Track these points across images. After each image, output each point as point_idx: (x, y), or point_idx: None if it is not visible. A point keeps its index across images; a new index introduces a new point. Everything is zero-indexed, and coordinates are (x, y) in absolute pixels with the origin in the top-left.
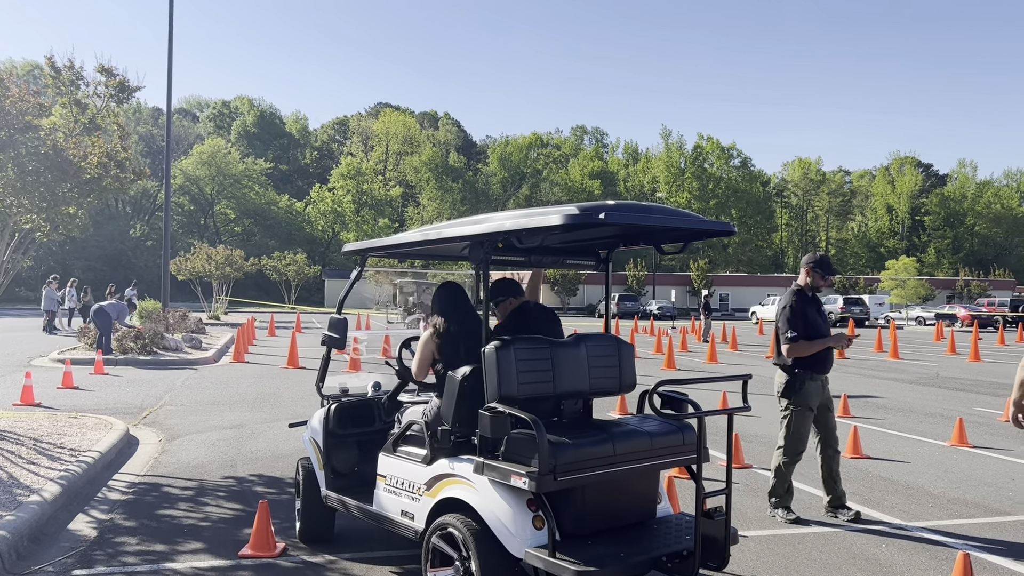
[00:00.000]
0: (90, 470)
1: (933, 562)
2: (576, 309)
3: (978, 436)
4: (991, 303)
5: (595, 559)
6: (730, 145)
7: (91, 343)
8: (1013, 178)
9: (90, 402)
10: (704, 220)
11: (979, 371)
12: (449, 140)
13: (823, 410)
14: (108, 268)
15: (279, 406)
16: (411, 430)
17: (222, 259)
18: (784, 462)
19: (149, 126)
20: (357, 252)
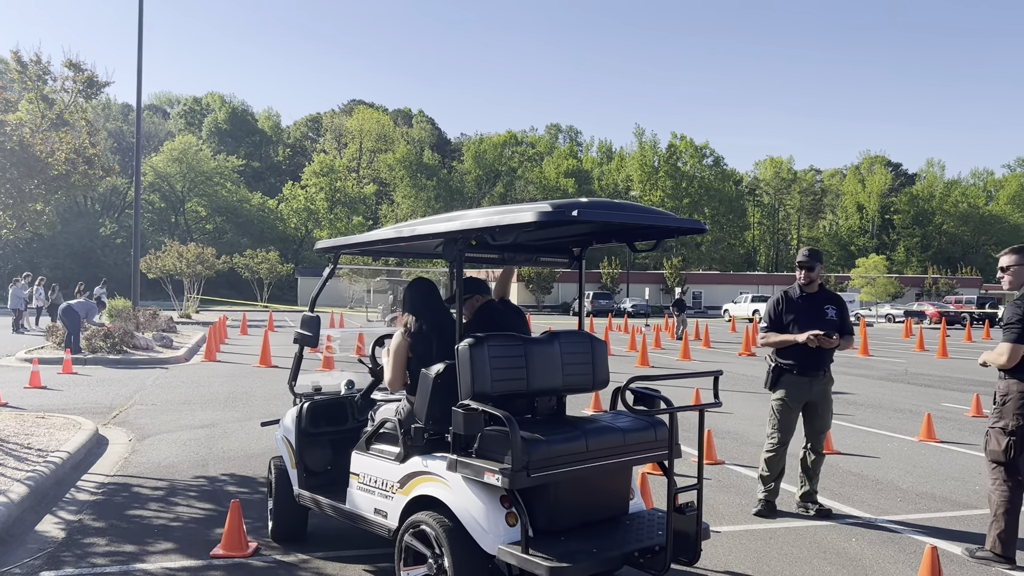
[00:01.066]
0: (58, 471)
1: (902, 555)
2: (551, 307)
3: (946, 431)
4: (958, 301)
5: (567, 555)
6: (703, 144)
7: (59, 342)
8: (980, 177)
9: (58, 402)
10: (676, 218)
11: (947, 367)
12: (423, 138)
13: (811, 409)
14: (77, 266)
15: (251, 405)
16: (384, 428)
17: (193, 257)
18: (766, 451)
19: (119, 122)
20: (330, 250)
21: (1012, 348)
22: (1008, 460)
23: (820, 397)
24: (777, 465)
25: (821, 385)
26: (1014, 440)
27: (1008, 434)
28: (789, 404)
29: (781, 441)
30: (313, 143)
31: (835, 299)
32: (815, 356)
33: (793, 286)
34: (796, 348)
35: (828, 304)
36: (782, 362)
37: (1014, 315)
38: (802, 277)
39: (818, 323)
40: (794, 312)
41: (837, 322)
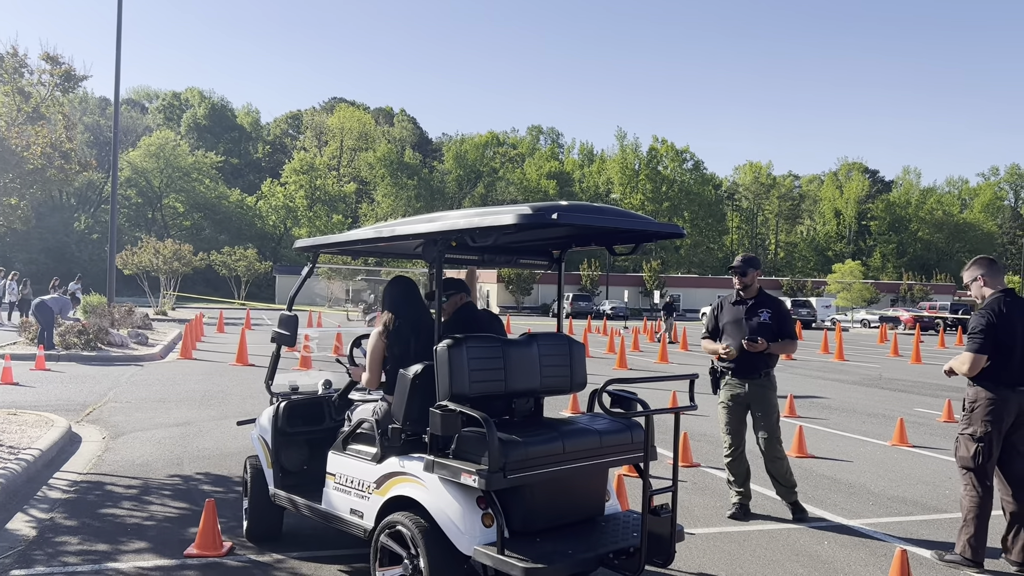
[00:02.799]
0: (29, 468)
1: (872, 558)
2: (531, 308)
3: (918, 436)
4: (932, 307)
5: (543, 556)
6: (683, 148)
7: (32, 338)
8: (955, 186)
9: (30, 398)
10: (654, 222)
11: (920, 373)
12: (404, 137)
13: (754, 413)
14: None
15: (227, 404)
16: (361, 428)
17: (170, 253)
18: (725, 455)
19: (96, 116)
20: (309, 249)
21: (974, 358)
22: (977, 466)
23: (758, 400)
24: (739, 467)
25: (759, 388)
26: (982, 446)
27: (976, 440)
28: (730, 406)
29: (733, 443)
30: (293, 140)
31: (772, 303)
32: (748, 360)
33: (731, 292)
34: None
35: (763, 308)
36: (720, 366)
37: (977, 325)
38: (737, 283)
39: (750, 326)
40: (727, 317)
41: (770, 325)
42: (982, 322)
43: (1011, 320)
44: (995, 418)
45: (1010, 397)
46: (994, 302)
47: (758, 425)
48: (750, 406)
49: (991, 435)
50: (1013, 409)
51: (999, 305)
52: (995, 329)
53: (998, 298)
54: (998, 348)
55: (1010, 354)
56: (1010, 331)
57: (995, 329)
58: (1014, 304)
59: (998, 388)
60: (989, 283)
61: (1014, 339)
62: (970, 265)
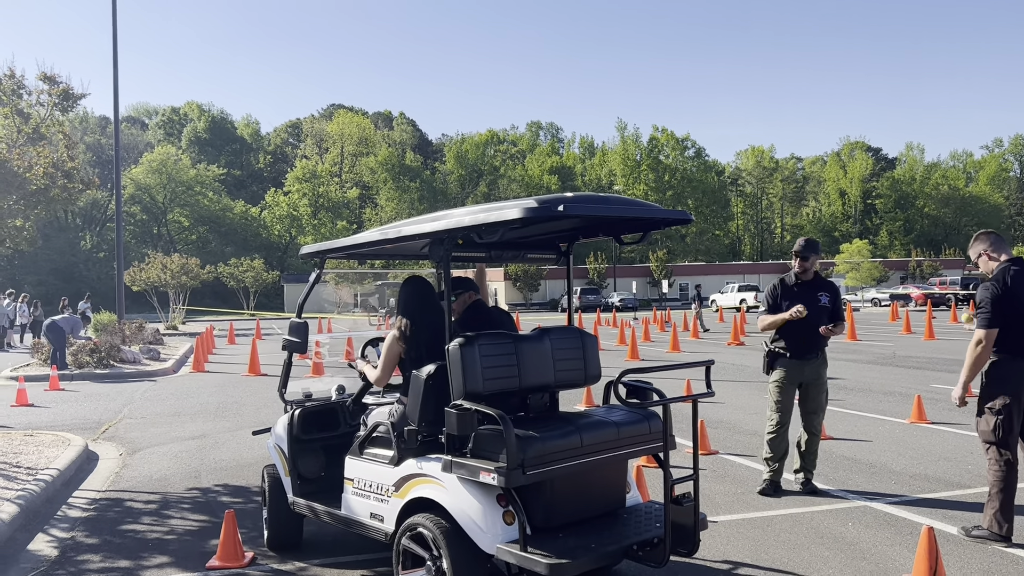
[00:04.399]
0: (48, 488)
1: (899, 537)
2: (539, 304)
3: (936, 412)
4: (943, 282)
5: (567, 551)
6: (684, 136)
7: (45, 359)
8: (959, 159)
9: (46, 419)
10: (661, 209)
11: (934, 349)
12: (405, 140)
13: (804, 390)
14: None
15: (242, 415)
16: (377, 431)
17: (178, 268)
18: (768, 432)
19: (97, 135)
20: (316, 254)
21: (985, 333)
22: (998, 439)
23: (813, 379)
24: (780, 446)
25: (814, 368)
26: (1001, 419)
27: (996, 413)
28: (784, 385)
29: (781, 421)
30: (294, 149)
31: (829, 286)
32: (807, 341)
33: (789, 273)
34: (789, 334)
35: (821, 291)
36: (776, 347)
37: (984, 299)
38: (797, 266)
39: (811, 308)
40: (789, 298)
41: (829, 308)
42: (987, 295)
43: (1018, 290)
44: (1012, 389)
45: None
46: (1000, 273)
47: (810, 402)
48: (802, 385)
49: (1010, 407)
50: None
51: (1004, 276)
52: (1001, 301)
53: (1004, 268)
54: (1007, 319)
55: (1019, 324)
56: (1016, 301)
57: (1001, 301)
58: (1021, 273)
59: (1013, 359)
60: (994, 255)
61: (1021, 308)
62: (973, 242)
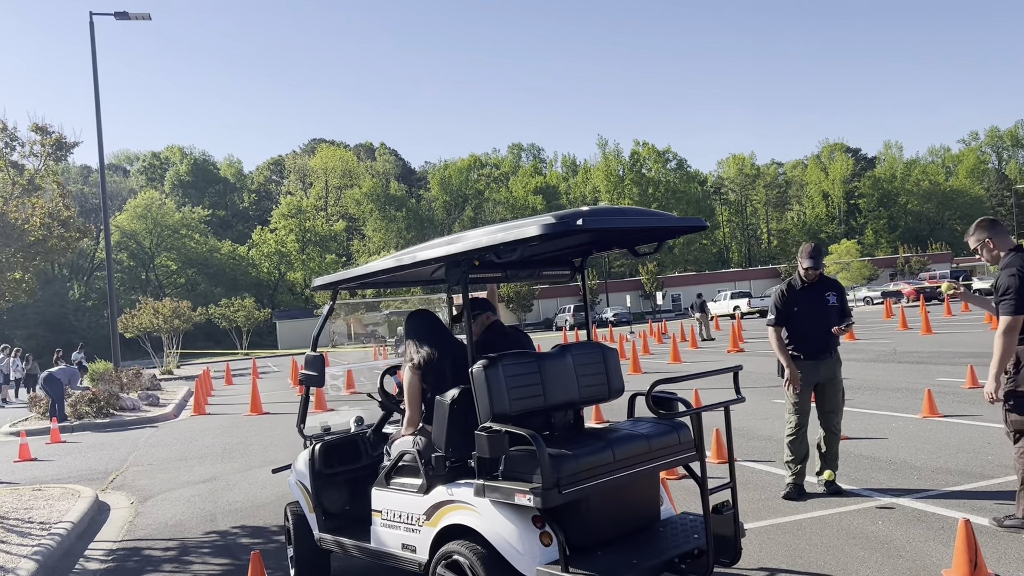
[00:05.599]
0: (64, 542)
1: (931, 532)
2: (533, 324)
3: (947, 405)
4: (932, 276)
5: (608, 569)
6: (665, 148)
7: (44, 412)
8: (937, 154)
9: (52, 472)
10: (677, 218)
11: (934, 343)
12: (388, 169)
13: (819, 390)
14: (50, 333)
15: (249, 455)
16: (403, 461)
17: (169, 312)
18: (788, 435)
19: (79, 184)
20: (328, 286)
21: (1011, 320)
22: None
23: (829, 378)
24: (800, 448)
25: (829, 367)
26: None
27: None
28: (801, 388)
29: (800, 423)
30: (278, 186)
31: (834, 285)
32: (820, 341)
33: (794, 277)
34: (801, 336)
35: (828, 291)
36: (789, 350)
37: (1009, 286)
38: (806, 273)
39: (821, 310)
40: (798, 303)
41: (838, 307)
42: (1013, 282)
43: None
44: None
45: None
46: (1015, 259)
47: (826, 402)
48: (818, 385)
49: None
50: None
51: (1022, 261)
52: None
53: (1018, 254)
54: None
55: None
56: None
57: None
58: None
59: None
60: (999, 244)
61: None
62: (973, 230)
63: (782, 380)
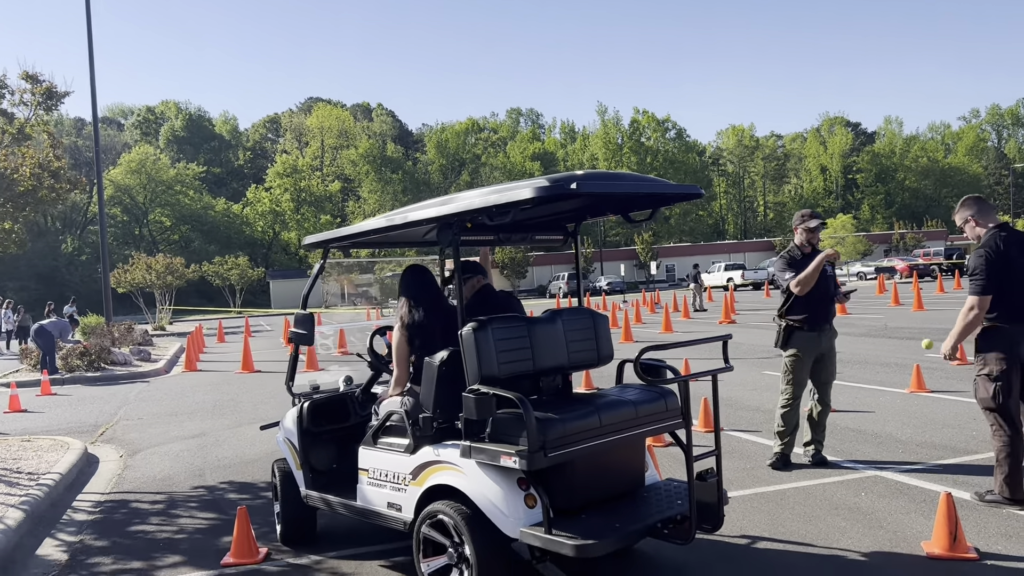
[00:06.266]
0: (52, 492)
1: (913, 504)
2: (527, 291)
3: (935, 381)
4: (927, 253)
5: (591, 532)
6: (665, 117)
7: (35, 364)
8: (937, 131)
9: (42, 424)
10: (672, 184)
11: (924, 319)
12: (385, 131)
13: (818, 362)
14: (42, 286)
15: (239, 412)
16: (391, 420)
17: (162, 268)
18: (781, 406)
19: (72, 137)
20: (318, 244)
21: (979, 300)
22: (998, 405)
23: (828, 349)
24: (792, 419)
25: (828, 338)
26: (1000, 385)
27: (993, 380)
28: (802, 359)
29: (795, 395)
30: (273, 144)
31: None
32: (821, 310)
33: (792, 247)
34: (805, 305)
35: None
36: (792, 320)
37: (976, 266)
38: (805, 236)
39: (823, 279)
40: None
41: (833, 277)
42: (980, 262)
43: (1009, 255)
44: (1009, 355)
45: (1021, 331)
46: (990, 239)
47: (824, 373)
48: (818, 355)
49: (1007, 372)
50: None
51: (995, 242)
52: (994, 267)
53: (993, 234)
54: (1000, 285)
55: (1012, 289)
56: (1009, 266)
57: (994, 267)
58: (1011, 239)
59: (1008, 324)
60: (981, 222)
61: (1014, 274)
62: (959, 207)
63: (781, 352)
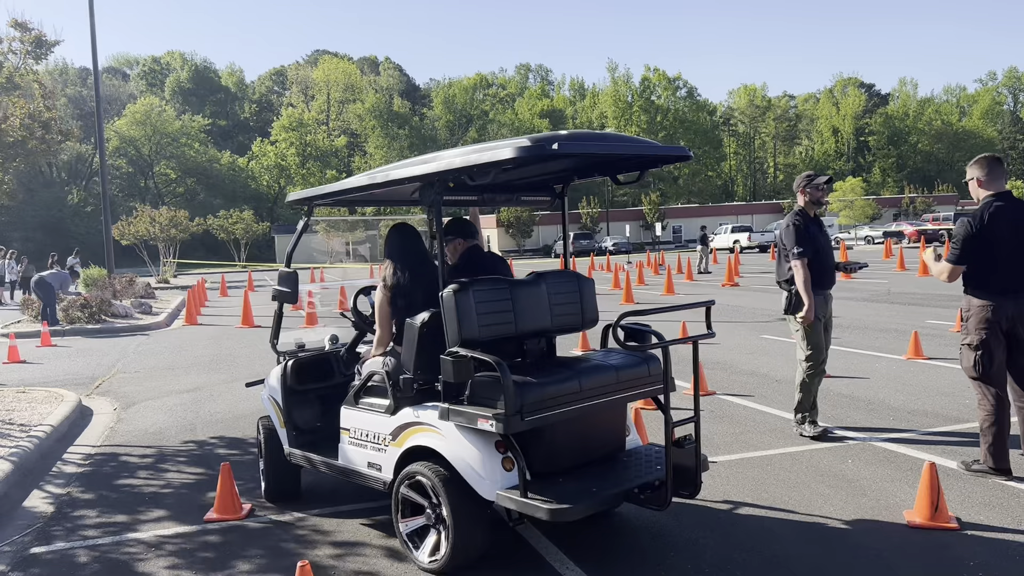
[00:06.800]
0: (42, 444)
1: (899, 473)
2: (532, 250)
3: (933, 348)
4: (936, 218)
5: (567, 496)
6: (676, 75)
7: (35, 315)
8: (952, 94)
9: (39, 375)
10: (659, 146)
11: (929, 285)
12: (392, 85)
13: (824, 326)
14: (47, 237)
15: (236, 367)
16: (372, 381)
17: (166, 221)
18: (808, 375)
19: (77, 87)
20: (302, 201)
21: (950, 269)
22: (980, 375)
23: (829, 314)
24: (817, 386)
25: (829, 303)
26: (980, 354)
27: (974, 349)
28: (819, 320)
29: (819, 359)
30: (279, 97)
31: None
32: (827, 274)
33: (797, 214)
34: (814, 268)
35: (821, 227)
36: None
37: (957, 234)
38: (819, 192)
39: (827, 242)
40: (814, 236)
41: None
42: (961, 232)
43: (995, 227)
44: (989, 326)
45: (1003, 303)
46: (979, 209)
47: (824, 339)
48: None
49: (988, 343)
50: (1008, 315)
51: (983, 213)
52: (974, 239)
53: (986, 203)
54: (982, 256)
55: (996, 261)
56: (993, 238)
57: (974, 239)
58: (1004, 209)
59: (989, 295)
60: (984, 185)
61: (998, 246)
62: (970, 165)
63: (791, 317)
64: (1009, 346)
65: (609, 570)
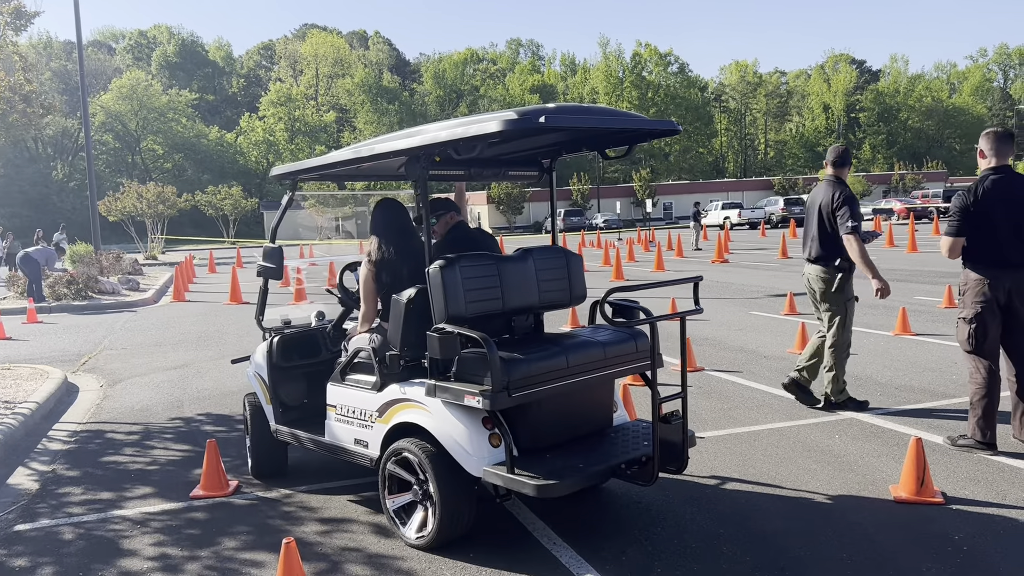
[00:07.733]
0: (27, 421)
1: (885, 448)
2: (523, 227)
3: (920, 324)
4: (925, 195)
5: (554, 472)
6: (667, 51)
7: (21, 292)
8: (943, 70)
9: (24, 352)
10: (647, 119)
11: (917, 261)
12: (381, 60)
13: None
14: (33, 213)
15: (224, 343)
16: (359, 357)
17: (154, 197)
18: (843, 353)
19: (62, 60)
20: (287, 176)
21: (950, 242)
22: (973, 348)
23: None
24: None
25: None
26: (974, 327)
27: (969, 322)
28: (852, 299)
29: (847, 341)
30: (267, 72)
31: None
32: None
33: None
34: (841, 248)
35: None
36: (843, 263)
37: (953, 207)
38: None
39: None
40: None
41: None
42: (956, 204)
43: (990, 201)
44: (985, 299)
45: (999, 276)
46: (977, 182)
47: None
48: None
49: (983, 316)
50: (1004, 288)
51: (978, 187)
52: (969, 212)
53: (984, 177)
54: (978, 229)
55: (992, 234)
56: (989, 211)
57: (969, 212)
58: (1001, 182)
59: (986, 269)
60: (987, 158)
61: (994, 219)
62: (981, 136)
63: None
64: (1006, 320)
65: (596, 545)
